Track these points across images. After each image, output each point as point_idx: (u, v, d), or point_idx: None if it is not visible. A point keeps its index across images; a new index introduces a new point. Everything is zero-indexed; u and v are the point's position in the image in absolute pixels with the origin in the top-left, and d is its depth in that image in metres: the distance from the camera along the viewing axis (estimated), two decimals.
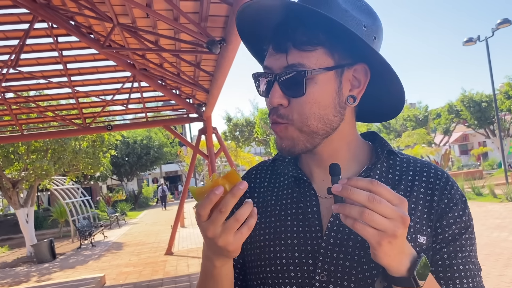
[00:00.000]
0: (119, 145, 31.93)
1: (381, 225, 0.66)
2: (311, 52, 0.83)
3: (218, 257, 0.81)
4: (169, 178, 52.80)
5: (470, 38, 20.16)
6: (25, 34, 6.89)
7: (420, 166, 0.93)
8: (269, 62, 0.88)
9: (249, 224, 0.74)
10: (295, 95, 0.85)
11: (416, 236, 0.84)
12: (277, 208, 0.95)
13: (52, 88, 9.72)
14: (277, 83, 0.85)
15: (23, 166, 12.92)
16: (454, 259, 0.85)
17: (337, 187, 0.69)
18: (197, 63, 7.69)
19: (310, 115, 0.85)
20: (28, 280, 9.41)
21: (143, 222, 21.08)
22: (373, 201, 0.66)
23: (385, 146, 0.95)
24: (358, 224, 0.67)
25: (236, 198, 0.72)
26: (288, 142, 0.88)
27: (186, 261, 9.44)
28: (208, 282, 0.87)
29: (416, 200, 0.88)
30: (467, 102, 29.70)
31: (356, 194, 0.67)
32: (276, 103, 0.86)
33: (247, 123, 28.83)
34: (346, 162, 0.93)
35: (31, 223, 13.40)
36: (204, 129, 10.58)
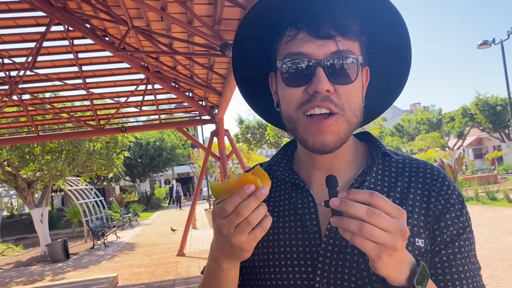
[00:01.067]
0: (132, 146, 32.19)
1: (380, 239, 0.65)
2: (354, 43, 0.84)
3: (227, 258, 0.78)
4: (181, 180, 52.99)
5: (485, 41, 19.97)
6: (42, 36, 7.02)
7: (416, 167, 0.91)
8: (306, 49, 0.82)
9: (263, 226, 0.72)
10: (345, 81, 0.82)
11: (414, 240, 0.83)
12: (274, 214, 0.92)
13: (68, 90, 9.88)
14: (321, 69, 0.80)
15: (38, 166, 13.11)
16: (453, 261, 0.84)
17: (335, 201, 0.67)
18: (210, 66, 7.75)
19: (356, 105, 0.84)
20: (42, 279, 9.54)
21: (155, 223, 21.20)
22: (372, 215, 0.65)
23: (380, 148, 0.94)
24: (357, 238, 0.66)
25: (258, 201, 0.70)
26: (333, 137, 0.83)
27: (198, 262, 9.49)
28: (212, 286, 0.84)
29: (413, 202, 0.86)
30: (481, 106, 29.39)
31: (355, 209, 0.66)
32: (325, 88, 0.80)
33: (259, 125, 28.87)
34: (346, 164, 0.93)
35: (45, 223, 13.58)
36: (216, 131, 10.64)
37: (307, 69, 0.82)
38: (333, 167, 0.92)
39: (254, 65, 0.97)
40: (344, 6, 0.82)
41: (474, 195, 15.64)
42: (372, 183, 0.89)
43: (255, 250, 0.90)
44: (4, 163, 12.75)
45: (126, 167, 30.45)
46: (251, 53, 0.96)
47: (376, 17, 0.84)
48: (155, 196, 34.46)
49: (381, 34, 0.88)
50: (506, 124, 29.02)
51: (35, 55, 7.37)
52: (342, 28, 0.81)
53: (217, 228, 0.74)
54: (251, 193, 0.70)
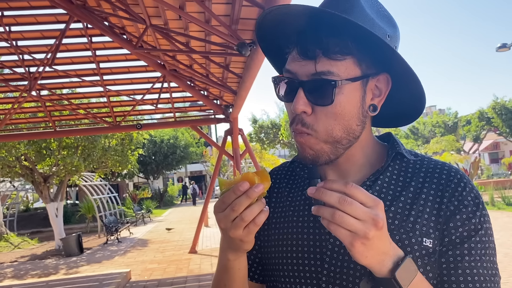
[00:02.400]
0: (146, 143, 32.45)
1: (352, 226, 0.67)
2: (341, 61, 0.82)
3: (231, 250, 0.84)
4: (194, 178, 53.19)
5: (503, 44, 19.65)
6: (61, 33, 7.12)
7: (433, 168, 0.92)
8: (293, 67, 0.86)
9: (256, 221, 0.76)
10: (321, 103, 0.83)
11: (422, 239, 0.84)
12: (290, 209, 0.98)
13: (85, 87, 10.00)
14: (302, 90, 0.84)
15: (54, 161, 13.31)
16: (459, 262, 0.83)
17: (311, 190, 0.71)
18: (226, 65, 7.78)
19: (335, 126, 0.85)
20: (57, 272, 9.69)
21: (168, 220, 21.35)
22: (344, 203, 0.67)
23: (395, 148, 0.95)
24: (332, 225, 0.68)
25: (249, 200, 0.74)
26: (312, 153, 0.87)
27: (210, 260, 9.54)
28: (222, 274, 0.91)
29: (424, 202, 0.87)
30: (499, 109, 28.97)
31: (327, 196, 0.69)
32: (300, 110, 0.83)
33: (272, 125, 28.87)
34: (360, 166, 0.95)
35: (60, 217, 13.78)
36: (230, 130, 10.67)
37: (292, 88, 0.86)
38: (346, 169, 0.96)
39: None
40: (330, 25, 0.82)
41: (489, 200, 15.45)
42: (385, 182, 0.91)
43: (271, 241, 0.98)
44: (21, 157, 12.96)
45: (140, 164, 30.70)
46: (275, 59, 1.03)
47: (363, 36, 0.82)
48: (168, 193, 34.69)
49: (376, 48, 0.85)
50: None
51: (54, 52, 7.48)
52: (325, 48, 0.82)
53: (217, 221, 0.79)
54: (245, 190, 0.74)
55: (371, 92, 0.89)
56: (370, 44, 0.82)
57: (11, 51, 7.84)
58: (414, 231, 0.84)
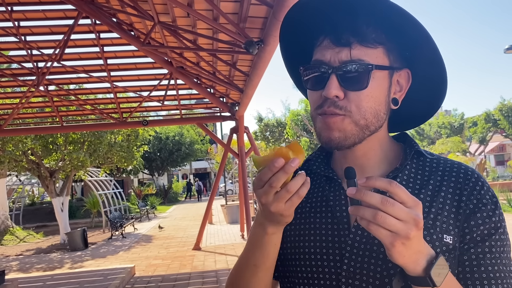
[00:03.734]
0: (151, 140, 32.53)
1: (394, 227, 0.68)
2: (373, 49, 0.86)
3: (271, 223, 0.85)
4: (198, 175, 53.33)
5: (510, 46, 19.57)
6: (70, 29, 7.17)
7: (450, 167, 0.94)
8: (324, 55, 0.89)
9: (300, 193, 0.78)
10: (355, 88, 0.86)
11: (442, 236, 0.85)
12: (307, 205, 0.99)
13: (92, 83, 10.05)
14: (335, 75, 0.86)
15: (60, 156, 13.40)
16: (482, 260, 0.85)
17: (352, 190, 0.71)
18: (233, 63, 7.79)
19: (368, 109, 0.87)
20: (61, 266, 9.76)
21: (172, 216, 21.43)
22: (386, 204, 0.68)
23: (413, 147, 0.97)
24: (372, 226, 0.69)
25: (287, 175, 0.76)
26: (340, 134, 0.88)
27: (213, 257, 9.58)
28: (255, 250, 0.91)
29: (443, 200, 0.89)
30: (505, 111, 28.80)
31: (369, 197, 0.69)
32: (333, 94, 0.86)
33: (278, 123, 28.84)
34: (377, 162, 0.96)
35: (65, 212, 13.87)
36: (236, 128, 10.69)
37: (323, 75, 0.88)
38: (363, 164, 0.96)
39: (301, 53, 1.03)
40: (365, 13, 0.86)
41: None
42: (404, 180, 0.92)
43: (288, 237, 0.98)
44: (28, 152, 13.05)
45: (145, 160, 30.79)
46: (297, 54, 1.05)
47: (399, 24, 0.86)
48: (173, 190, 34.78)
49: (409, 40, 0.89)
50: None
51: (62, 47, 7.53)
52: (359, 35, 0.85)
53: (257, 197, 0.81)
54: (280, 166, 0.76)
55: (394, 85, 0.92)
56: (404, 32, 0.86)
57: (19, 46, 7.89)
58: (434, 228, 0.86)
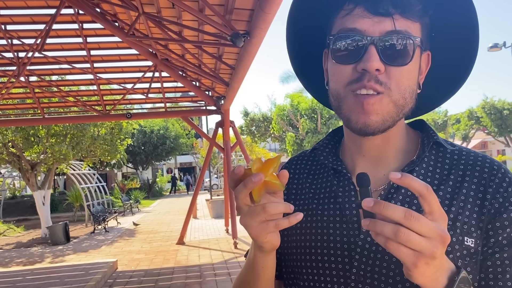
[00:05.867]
0: (136, 133, 32.24)
1: (418, 246, 0.58)
2: (413, 23, 0.78)
3: (256, 245, 0.78)
4: (183, 169, 53.13)
5: (495, 44, 19.87)
6: (52, 19, 6.99)
7: (473, 159, 0.83)
8: (360, 24, 0.78)
9: (277, 222, 0.70)
10: (398, 63, 0.77)
11: (463, 238, 0.76)
12: (314, 202, 0.90)
13: (75, 74, 9.87)
14: (374, 47, 0.76)
15: (42, 149, 13.15)
16: (508, 267, 0.75)
17: (369, 202, 0.60)
18: (219, 56, 7.71)
19: (407, 87, 0.78)
20: (42, 261, 9.60)
21: (156, 211, 21.29)
22: (411, 219, 0.57)
23: (432, 137, 0.86)
24: (392, 244, 0.59)
25: (246, 188, 0.68)
26: (377, 118, 0.78)
27: (197, 252, 9.52)
28: (247, 271, 0.85)
29: (465, 197, 0.78)
30: (488, 109, 29.22)
31: (391, 210, 0.58)
32: (375, 67, 0.75)
33: (264, 118, 28.79)
34: (395, 153, 0.87)
35: (47, 206, 13.65)
36: (221, 122, 10.63)
37: (359, 46, 0.77)
38: (381, 154, 0.87)
39: (308, 41, 0.94)
40: None
41: None
42: (421, 174, 0.83)
43: (293, 236, 0.89)
44: (8, 144, 12.79)
45: (129, 154, 30.53)
46: (305, 28, 0.93)
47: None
48: (157, 184, 34.58)
49: (447, 17, 0.82)
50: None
51: (44, 37, 7.35)
52: (402, 6, 0.76)
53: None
54: (238, 175, 0.71)
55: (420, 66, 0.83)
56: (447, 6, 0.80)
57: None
58: (454, 229, 0.76)
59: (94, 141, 14.47)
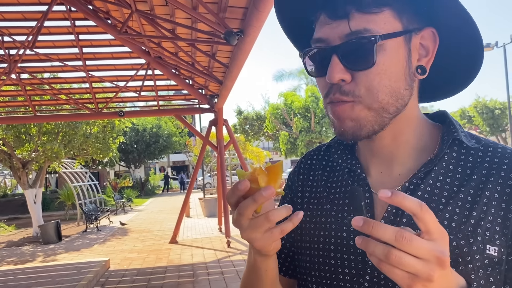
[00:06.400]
0: (128, 132, 32.09)
1: (412, 268, 0.55)
2: (378, 14, 0.70)
3: (256, 252, 0.75)
4: (176, 168, 52.99)
5: (487, 44, 20.00)
6: (43, 16, 6.91)
7: (500, 157, 0.75)
8: (323, 33, 0.74)
9: (282, 228, 0.67)
10: (362, 67, 0.72)
11: (484, 246, 0.69)
12: (328, 202, 0.86)
13: (67, 71, 9.80)
14: (336, 56, 0.72)
15: (33, 147, 13.04)
16: None
17: (358, 221, 0.57)
18: (212, 54, 7.68)
19: (381, 88, 0.72)
20: (33, 260, 9.52)
21: (149, 209, 21.19)
22: (402, 240, 0.54)
23: (452, 133, 0.79)
24: (384, 265, 0.56)
25: (256, 204, 0.64)
26: (353, 124, 0.75)
27: (190, 251, 9.49)
28: (250, 274, 0.82)
29: (488, 200, 0.71)
30: (480, 108, 29.39)
31: (381, 231, 0.55)
32: (338, 78, 0.72)
33: (257, 117, 28.76)
34: (409, 150, 0.81)
35: (38, 204, 13.53)
36: (215, 120, 10.60)
37: (323, 58, 0.74)
38: (392, 153, 0.82)
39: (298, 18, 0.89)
40: None
41: None
42: (440, 175, 0.76)
43: (307, 236, 0.86)
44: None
45: (121, 153, 30.40)
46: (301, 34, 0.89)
47: None
48: (150, 183, 34.45)
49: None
50: (503, 128, 29.04)
51: (35, 34, 7.27)
52: (356, 2, 0.70)
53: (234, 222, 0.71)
54: (243, 190, 0.65)
55: (417, 51, 0.76)
56: None
57: None
58: (475, 237, 0.70)
59: (86, 139, 14.38)
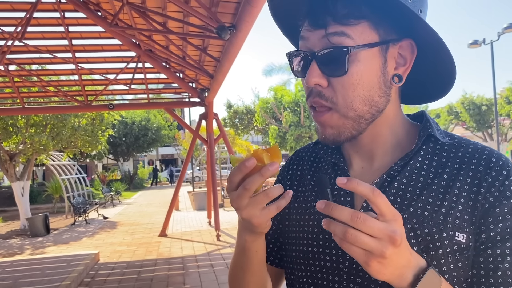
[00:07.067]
0: (117, 124, 31.87)
1: (367, 245, 0.61)
2: (354, 26, 0.76)
3: (248, 231, 0.80)
4: (165, 161, 52.83)
5: (475, 41, 20.17)
6: (33, 7, 6.85)
7: (471, 152, 0.82)
8: (305, 38, 0.81)
9: (278, 204, 0.72)
10: (335, 74, 0.78)
11: (454, 233, 0.75)
12: (313, 194, 0.92)
13: (56, 63, 9.70)
14: (315, 61, 0.78)
15: (21, 139, 12.90)
16: (500, 263, 0.74)
17: (320, 204, 0.64)
18: (203, 48, 7.68)
19: (355, 98, 0.79)
20: (22, 252, 9.48)
21: (138, 203, 21.15)
22: (356, 220, 0.61)
23: (427, 129, 0.86)
24: (344, 243, 0.63)
25: (263, 178, 0.69)
26: (333, 131, 0.82)
27: (179, 244, 9.52)
28: (240, 256, 0.87)
29: (459, 191, 0.78)
30: (467, 105, 29.71)
31: (338, 212, 0.62)
32: (313, 82, 0.79)
33: (247, 111, 28.75)
34: (387, 148, 0.88)
35: (26, 197, 13.43)
36: (205, 114, 10.60)
37: (304, 62, 0.82)
38: (372, 150, 0.89)
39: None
40: None
41: None
42: (415, 168, 0.83)
43: (293, 227, 0.93)
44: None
45: (110, 145, 30.15)
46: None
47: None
48: (138, 176, 34.30)
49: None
50: (489, 124, 29.44)
51: (24, 26, 7.20)
52: (334, 12, 0.76)
53: (230, 201, 0.75)
54: (251, 166, 0.69)
55: (394, 60, 0.81)
56: (387, 6, 0.75)
57: None
58: (445, 224, 0.76)
59: (75, 132, 14.26)
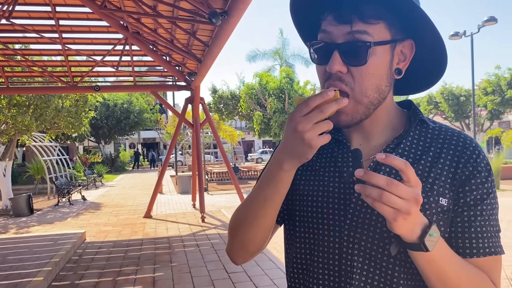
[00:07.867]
0: (99, 106, 31.56)
1: (397, 205, 0.76)
2: (374, 25, 0.92)
3: (291, 158, 0.89)
4: (146, 145, 52.52)
5: (456, 32, 20.53)
6: None
7: (450, 135, 1.01)
8: (330, 31, 0.95)
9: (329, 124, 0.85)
10: (356, 63, 0.92)
11: (438, 198, 0.94)
12: (317, 164, 1.09)
13: (42, 43, 9.63)
14: (337, 51, 0.93)
15: (3, 119, 12.78)
16: (473, 222, 0.94)
17: (360, 172, 0.78)
18: (192, 32, 7.75)
19: (369, 86, 0.94)
20: (6, 232, 9.51)
21: (120, 185, 21.15)
22: (391, 186, 0.76)
23: (418, 115, 1.04)
24: (377, 203, 0.77)
25: (338, 106, 0.85)
26: (347, 118, 0.96)
27: (165, 225, 9.69)
28: (268, 185, 0.95)
29: (442, 166, 0.97)
30: (446, 95, 30.27)
31: (376, 179, 0.77)
32: (336, 69, 0.92)
33: (232, 96, 28.70)
34: (382, 129, 1.05)
35: (8, 177, 13.35)
36: (191, 98, 10.69)
37: (327, 50, 0.95)
38: (371, 130, 1.05)
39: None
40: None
41: None
42: (407, 146, 1.00)
43: (298, 195, 1.08)
44: None
45: (91, 128, 29.91)
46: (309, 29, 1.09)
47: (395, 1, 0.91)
48: (120, 159, 34.14)
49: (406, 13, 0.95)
50: (467, 114, 30.08)
51: (12, 4, 7.15)
52: (360, 13, 0.91)
53: (293, 126, 0.84)
54: (331, 95, 0.84)
55: (397, 56, 0.99)
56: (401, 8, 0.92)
57: None
58: (432, 191, 0.94)
59: (58, 113, 14.17)
